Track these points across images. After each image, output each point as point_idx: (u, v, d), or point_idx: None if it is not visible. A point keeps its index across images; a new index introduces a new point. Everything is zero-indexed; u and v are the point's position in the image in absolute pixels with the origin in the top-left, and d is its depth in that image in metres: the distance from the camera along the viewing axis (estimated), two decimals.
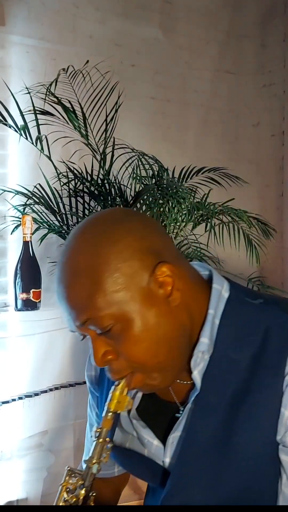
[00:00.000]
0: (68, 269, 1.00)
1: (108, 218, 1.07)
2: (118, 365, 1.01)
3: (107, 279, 0.97)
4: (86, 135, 2.54)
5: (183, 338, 1.04)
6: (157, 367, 1.01)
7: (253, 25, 3.39)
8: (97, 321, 0.97)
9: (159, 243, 1.04)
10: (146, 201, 2.59)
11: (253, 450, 1.01)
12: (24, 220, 2.40)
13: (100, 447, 1.02)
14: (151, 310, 0.99)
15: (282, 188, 3.48)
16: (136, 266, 0.98)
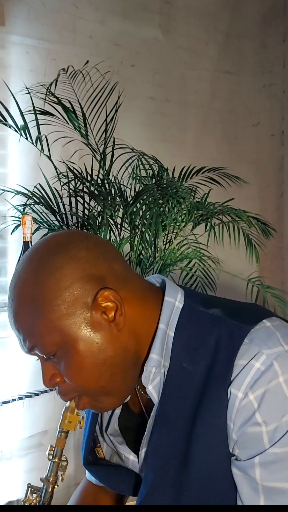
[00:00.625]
0: (13, 296, 1.01)
1: (52, 244, 1.05)
2: (65, 388, 1.02)
3: (48, 307, 0.98)
4: (86, 135, 2.54)
5: (127, 362, 1.03)
6: (101, 391, 1.02)
7: (253, 26, 3.39)
8: (41, 347, 0.99)
9: (103, 269, 1.03)
10: (146, 201, 2.59)
11: (209, 465, 1.00)
12: (24, 220, 2.40)
13: (55, 466, 1.07)
14: (93, 337, 0.99)
15: (282, 188, 3.49)
16: (77, 293, 0.99)
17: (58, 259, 1.01)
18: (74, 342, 0.98)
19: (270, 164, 3.48)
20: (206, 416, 0.99)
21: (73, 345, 0.98)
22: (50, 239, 1.06)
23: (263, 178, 3.45)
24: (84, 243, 1.06)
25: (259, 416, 0.95)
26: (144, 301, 1.06)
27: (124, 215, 2.59)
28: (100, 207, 2.54)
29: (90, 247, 1.05)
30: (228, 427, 0.97)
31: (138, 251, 2.62)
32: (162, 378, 1.04)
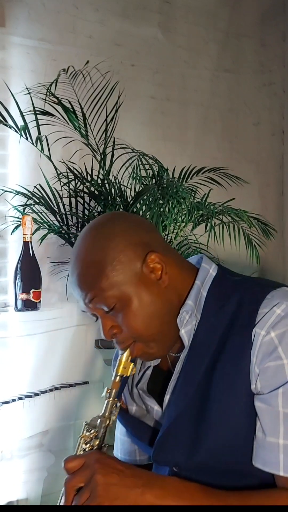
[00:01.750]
0: (78, 262, 1.23)
1: (106, 220, 1.34)
2: (122, 337, 1.22)
3: (108, 267, 1.20)
4: (86, 135, 2.55)
5: (171, 313, 1.24)
6: (152, 338, 1.22)
7: (253, 24, 3.39)
8: (103, 300, 1.20)
9: (148, 238, 1.26)
10: (146, 201, 2.59)
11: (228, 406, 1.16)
12: (24, 220, 2.40)
13: (110, 405, 1.21)
14: (144, 291, 1.21)
15: (282, 187, 3.49)
16: (130, 255, 1.21)
17: (112, 230, 1.25)
18: (129, 296, 1.20)
19: (271, 163, 3.48)
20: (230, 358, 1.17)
21: (129, 299, 1.20)
22: (102, 217, 1.39)
23: (263, 177, 3.45)
24: (132, 217, 1.37)
25: (281, 351, 1.13)
26: (182, 266, 1.29)
27: None
28: (100, 207, 2.55)
29: (136, 221, 1.35)
30: (251, 362, 1.14)
31: None
32: (193, 328, 1.24)
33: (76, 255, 1.26)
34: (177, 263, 1.29)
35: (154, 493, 1.12)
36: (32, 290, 2.40)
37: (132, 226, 1.28)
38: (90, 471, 1.12)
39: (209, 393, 1.18)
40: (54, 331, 2.52)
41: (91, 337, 2.66)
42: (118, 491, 1.11)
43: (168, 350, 1.28)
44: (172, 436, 1.22)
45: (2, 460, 2.37)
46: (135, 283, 1.21)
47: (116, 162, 2.63)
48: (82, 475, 1.13)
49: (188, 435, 1.20)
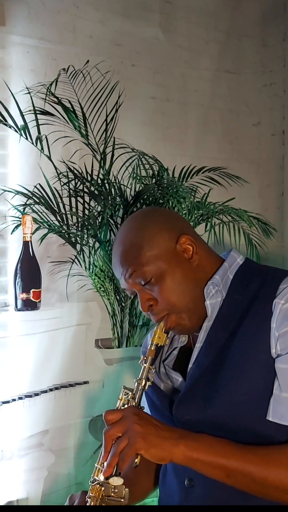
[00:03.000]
0: (120, 244, 1.43)
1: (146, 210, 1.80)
2: (157, 309, 1.39)
3: (146, 246, 1.39)
4: (86, 135, 2.55)
5: (201, 288, 1.41)
6: (184, 309, 1.39)
7: (253, 25, 3.39)
8: (141, 274, 1.38)
9: (182, 225, 1.47)
10: (146, 201, 2.59)
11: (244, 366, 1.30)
12: (24, 220, 2.40)
13: (146, 370, 1.34)
14: (178, 268, 1.40)
15: (282, 188, 3.48)
16: (164, 237, 1.41)
17: (150, 217, 1.48)
18: (164, 271, 1.38)
19: (271, 163, 3.48)
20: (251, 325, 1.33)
21: (164, 274, 1.38)
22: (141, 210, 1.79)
23: (263, 178, 3.45)
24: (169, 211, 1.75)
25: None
26: (210, 252, 1.48)
27: (124, 215, 2.60)
28: (100, 207, 2.55)
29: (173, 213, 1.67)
30: (271, 328, 1.29)
31: None
32: (218, 303, 1.40)
33: (118, 239, 1.46)
34: (205, 248, 1.47)
35: (187, 444, 1.23)
36: (32, 289, 2.40)
37: (167, 215, 1.53)
38: (128, 422, 1.24)
39: (228, 354, 1.33)
40: (54, 331, 2.52)
41: (91, 336, 2.66)
42: (154, 440, 1.22)
43: (197, 323, 1.42)
44: (191, 392, 1.36)
45: (2, 459, 2.37)
46: (169, 260, 1.39)
47: (116, 162, 2.63)
48: (121, 425, 1.24)
49: (206, 391, 1.33)
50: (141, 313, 2.66)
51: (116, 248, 1.45)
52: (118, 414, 1.26)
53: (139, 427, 1.22)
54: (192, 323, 1.42)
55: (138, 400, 1.33)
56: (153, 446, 1.21)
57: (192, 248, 1.42)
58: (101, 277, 2.61)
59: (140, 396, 1.33)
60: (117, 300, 2.65)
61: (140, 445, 1.20)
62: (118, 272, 1.43)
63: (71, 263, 2.53)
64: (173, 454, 1.22)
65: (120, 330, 2.66)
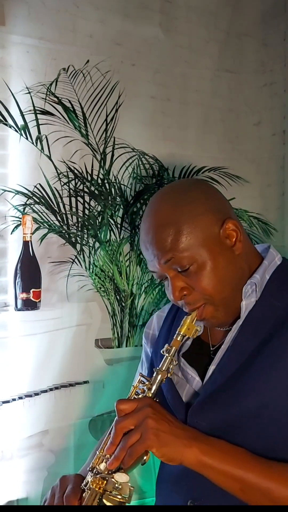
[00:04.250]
0: (155, 221, 1.27)
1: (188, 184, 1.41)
2: (192, 298, 1.27)
3: (187, 228, 1.24)
4: (86, 134, 2.55)
5: (242, 281, 1.30)
6: (223, 301, 1.28)
7: (254, 24, 3.38)
8: (179, 261, 1.24)
9: (226, 206, 1.33)
10: (147, 201, 2.60)
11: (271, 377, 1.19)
12: (24, 220, 2.40)
13: (168, 361, 1.25)
14: (220, 255, 1.27)
15: (283, 187, 3.47)
16: (209, 220, 1.26)
17: (193, 192, 1.30)
18: (206, 258, 1.25)
19: (272, 163, 3.47)
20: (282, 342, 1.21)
21: (205, 261, 1.24)
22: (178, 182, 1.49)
23: (264, 177, 3.44)
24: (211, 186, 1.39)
25: None
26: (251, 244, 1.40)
27: (124, 215, 2.60)
28: (101, 207, 2.55)
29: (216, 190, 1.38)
30: None
31: (138, 250, 2.62)
32: (251, 305, 1.29)
33: (153, 215, 1.29)
34: (247, 238, 1.37)
35: (201, 448, 1.14)
36: (32, 289, 2.40)
37: (212, 193, 1.34)
38: (142, 415, 1.14)
39: (256, 363, 1.21)
40: (54, 331, 2.52)
41: (91, 336, 2.66)
42: (167, 438, 1.12)
43: (231, 318, 1.32)
44: (212, 397, 1.26)
45: (2, 459, 2.37)
46: (212, 247, 1.26)
47: (116, 161, 2.63)
48: (134, 417, 1.15)
49: (228, 397, 1.22)
50: (141, 313, 2.66)
51: (149, 224, 1.29)
52: (132, 404, 1.17)
53: (153, 422, 1.13)
54: (227, 317, 1.32)
55: (155, 392, 1.23)
56: (165, 445, 1.12)
57: (236, 235, 1.29)
58: (102, 277, 2.61)
59: (157, 387, 1.23)
60: (117, 300, 2.65)
61: (153, 442, 1.11)
62: (149, 253, 1.29)
63: (71, 263, 2.53)
64: (185, 456, 1.12)
65: (120, 330, 2.66)
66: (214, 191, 1.36)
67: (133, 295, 2.65)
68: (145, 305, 2.67)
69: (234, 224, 1.29)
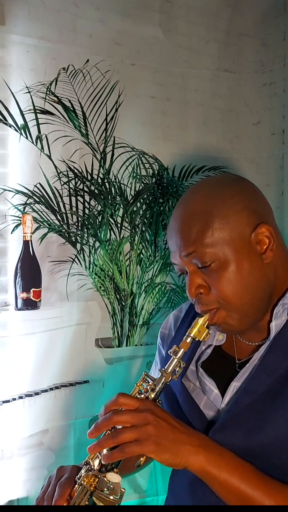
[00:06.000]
0: (186, 209, 1.19)
1: (225, 178, 1.34)
2: (207, 299, 1.19)
3: (217, 223, 1.15)
4: (86, 134, 2.55)
5: (266, 293, 1.20)
6: (239, 308, 1.18)
7: (254, 24, 3.38)
8: (201, 256, 1.16)
9: (265, 209, 1.24)
10: (146, 200, 2.60)
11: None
12: (24, 219, 2.40)
13: (175, 363, 1.18)
14: (246, 260, 1.17)
15: (282, 187, 3.48)
16: (242, 219, 1.17)
17: (230, 187, 1.21)
18: (230, 259, 1.16)
19: (271, 162, 3.48)
20: None
21: (228, 261, 1.16)
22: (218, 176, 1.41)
23: (263, 177, 3.44)
24: (250, 183, 1.29)
25: None
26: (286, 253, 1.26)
27: (124, 214, 2.60)
28: (101, 206, 2.55)
29: (258, 190, 1.28)
30: None
31: (138, 250, 2.62)
32: (282, 323, 1.19)
33: (185, 203, 1.22)
34: (284, 248, 1.27)
35: (208, 456, 1.08)
36: (32, 289, 2.40)
37: (253, 193, 1.25)
38: (143, 419, 1.08)
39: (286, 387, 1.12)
40: (55, 330, 2.52)
41: (91, 336, 2.66)
42: (169, 445, 1.06)
43: (246, 328, 1.24)
44: (236, 419, 1.17)
45: (3, 459, 2.37)
46: (239, 249, 1.16)
47: (116, 161, 2.63)
48: (134, 417, 1.09)
49: (253, 420, 1.14)
50: (141, 312, 2.66)
51: (178, 212, 1.21)
52: (135, 403, 1.11)
53: (153, 429, 1.06)
54: (241, 326, 1.23)
55: (158, 394, 1.17)
56: (166, 451, 1.06)
57: (269, 242, 1.18)
58: (102, 276, 2.61)
59: (161, 389, 1.17)
60: (117, 299, 2.65)
61: (151, 448, 1.05)
62: (173, 243, 1.21)
63: (71, 262, 2.53)
64: (190, 463, 1.07)
65: (120, 329, 2.66)
66: (255, 191, 1.27)
67: (133, 294, 2.65)
68: (145, 304, 2.67)
69: (268, 230, 1.19)
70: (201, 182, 1.28)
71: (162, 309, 2.70)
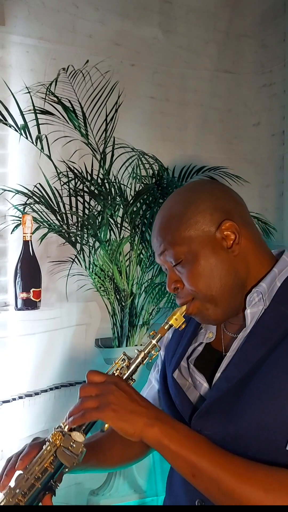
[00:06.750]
0: (162, 214, 1.32)
1: (198, 183, 1.46)
2: (182, 292, 1.30)
3: (185, 223, 1.27)
4: (86, 134, 2.55)
5: (235, 283, 1.28)
6: (209, 298, 1.28)
7: (253, 25, 3.39)
8: (171, 254, 1.28)
9: (231, 207, 1.31)
10: (146, 201, 2.60)
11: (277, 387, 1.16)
12: (24, 219, 2.40)
13: (151, 346, 1.27)
14: (212, 254, 1.26)
15: (282, 188, 3.48)
16: (207, 218, 1.27)
17: (197, 191, 1.33)
18: (196, 254, 1.26)
19: (271, 163, 3.48)
20: None
21: (195, 257, 1.26)
22: (194, 182, 1.46)
23: (263, 178, 3.45)
24: (222, 186, 1.41)
25: None
26: (259, 245, 1.34)
27: (124, 214, 2.60)
28: (100, 206, 2.55)
29: (226, 189, 1.38)
30: None
31: (138, 250, 2.62)
32: (259, 312, 1.27)
33: (162, 208, 1.35)
34: (255, 240, 1.33)
35: (162, 429, 1.14)
36: (32, 289, 2.40)
37: (218, 193, 1.33)
38: (106, 389, 1.16)
39: (262, 372, 1.19)
40: (54, 331, 2.52)
41: (91, 336, 2.66)
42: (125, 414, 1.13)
43: (223, 316, 1.32)
44: (215, 406, 1.24)
45: (2, 459, 2.37)
46: (205, 245, 1.26)
47: (116, 161, 2.63)
48: (97, 387, 1.17)
49: (231, 406, 1.21)
50: (141, 312, 2.67)
51: (156, 219, 1.34)
52: (101, 378, 1.20)
53: (113, 397, 1.14)
54: (217, 316, 1.31)
55: (131, 372, 1.25)
56: (121, 420, 1.12)
57: (234, 237, 1.26)
58: (101, 276, 2.61)
59: (135, 368, 1.26)
60: (117, 299, 2.65)
61: (108, 414, 1.12)
62: (153, 244, 1.35)
63: (71, 262, 2.53)
64: (144, 434, 1.13)
65: (120, 329, 2.66)
66: (223, 191, 1.35)
67: (133, 294, 2.65)
68: (145, 304, 2.67)
69: (232, 226, 1.27)
70: (177, 189, 1.39)
71: (162, 309, 2.70)
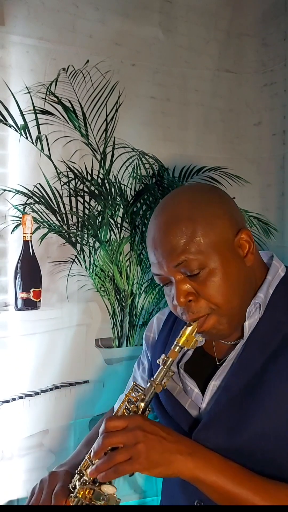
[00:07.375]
0: (169, 217, 1.19)
1: (202, 184, 1.42)
2: (197, 306, 1.19)
3: (204, 229, 1.17)
4: (86, 134, 2.55)
5: (250, 295, 1.24)
6: (229, 312, 1.20)
7: (254, 24, 3.38)
8: (189, 264, 1.17)
9: (240, 216, 1.28)
10: (147, 201, 2.60)
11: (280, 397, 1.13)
12: (24, 219, 2.40)
13: (164, 372, 1.19)
14: (232, 264, 1.20)
15: (283, 188, 3.47)
16: (226, 224, 1.21)
17: (213, 195, 1.26)
18: (218, 265, 1.17)
19: (272, 163, 3.47)
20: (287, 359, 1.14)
21: (217, 267, 1.17)
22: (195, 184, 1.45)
23: (264, 177, 3.44)
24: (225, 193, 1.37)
25: None
26: (259, 256, 1.31)
27: (124, 214, 2.60)
28: (101, 206, 2.55)
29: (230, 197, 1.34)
30: None
31: (138, 250, 2.62)
32: (255, 321, 1.22)
33: (168, 210, 1.21)
34: (257, 251, 1.31)
35: (196, 463, 1.11)
36: (32, 289, 2.40)
37: (229, 200, 1.31)
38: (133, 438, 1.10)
39: (263, 382, 1.15)
40: (54, 331, 2.52)
41: (91, 336, 2.66)
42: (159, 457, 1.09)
43: (233, 331, 1.27)
44: (218, 418, 1.20)
45: (3, 459, 2.37)
46: (225, 253, 1.20)
47: (116, 161, 2.63)
48: (123, 437, 1.11)
49: (234, 418, 1.17)
50: (141, 313, 2.66)
51: (161, 220, 1.20)
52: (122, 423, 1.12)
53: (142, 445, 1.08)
54: (230, 330, 1.25)
55: (147, 404, 1.19)
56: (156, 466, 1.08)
57: (249, 247, 1.23)
58: (102, 277, 2.61)
59: (150, 399, 1.19)
60: (117, 300, 2.65)
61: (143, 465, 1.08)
62: (158, 254, 1.20)
63: (71, 263, 2.53)
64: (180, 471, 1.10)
65: (120, 329, 2.66)
66: (230, 199, 1.32)
67: (133, 294, 2.65)
68: (145, 304, 2.67)
69: (248, 235, 1.24)
70: (177, 190, 1.28)
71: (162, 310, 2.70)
